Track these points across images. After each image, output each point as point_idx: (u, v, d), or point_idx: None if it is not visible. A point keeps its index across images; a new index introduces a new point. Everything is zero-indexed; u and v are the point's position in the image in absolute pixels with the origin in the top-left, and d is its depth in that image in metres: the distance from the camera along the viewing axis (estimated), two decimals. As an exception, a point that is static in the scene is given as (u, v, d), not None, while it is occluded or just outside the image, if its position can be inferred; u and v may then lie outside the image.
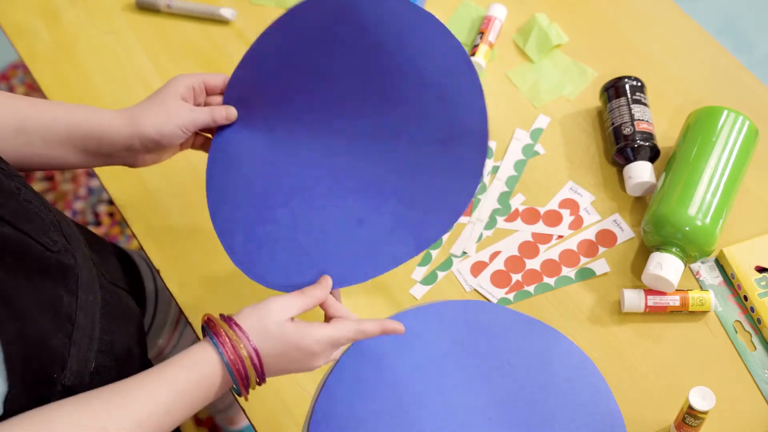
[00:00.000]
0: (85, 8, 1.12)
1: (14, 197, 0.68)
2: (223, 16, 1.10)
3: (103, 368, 0.75)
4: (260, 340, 0.71)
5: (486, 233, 0.95)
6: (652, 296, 0.88)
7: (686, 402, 0.78)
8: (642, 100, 0.98)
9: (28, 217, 0.68)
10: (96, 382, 0.72)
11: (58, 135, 0.79)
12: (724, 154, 0.91)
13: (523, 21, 1.09)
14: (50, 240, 0.70)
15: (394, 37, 0.78)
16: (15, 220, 0.66)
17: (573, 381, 0.85)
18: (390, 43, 0.78)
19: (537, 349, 0.87)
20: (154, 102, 0.80)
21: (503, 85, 1.05)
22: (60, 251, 0.71)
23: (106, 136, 0.79)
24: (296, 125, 0.83)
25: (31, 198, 0.71)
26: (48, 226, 0.71)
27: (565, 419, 0.83)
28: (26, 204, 0.69)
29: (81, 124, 0.79)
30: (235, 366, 0.69)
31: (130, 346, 0.83)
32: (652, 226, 0.89)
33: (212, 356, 0.69)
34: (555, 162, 0.99)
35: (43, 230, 0.70)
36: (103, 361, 0.75)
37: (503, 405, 0.84)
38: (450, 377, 0.86)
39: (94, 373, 0.73)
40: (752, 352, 0.87)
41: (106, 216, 1.83)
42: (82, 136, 0.80)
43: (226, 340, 0.70)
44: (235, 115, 0.82)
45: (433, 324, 0.89)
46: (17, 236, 0.65)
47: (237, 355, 0.69)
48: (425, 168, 0.78)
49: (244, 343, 0.70)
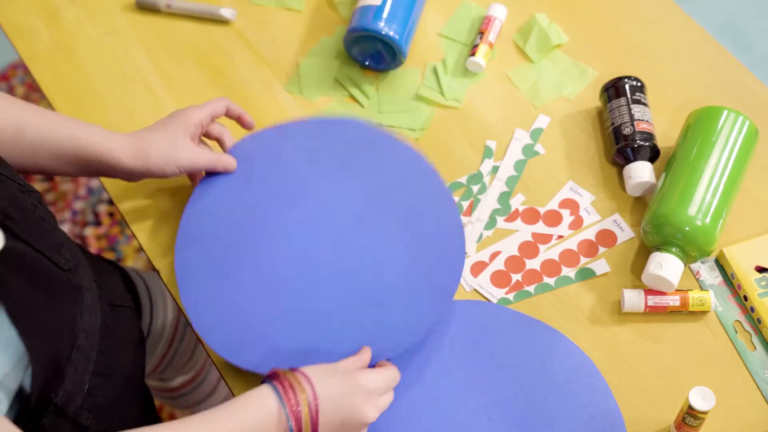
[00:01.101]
0: (85, 8, 1.12)
1: (30, 214, 0.68)
2: (223, 16, 1.10)
3: (97, 390, 0.75)
4: (319, 376, 0.72)
5: (486, 233, 0.95)
6: (652, 296, 0.88)
7: (686, 402, 0.78)
8: (642, 100, 0.98)
9: (41, 234, 0.68)
10: (88, 403, 0.72)
11: (62, 149, 0.81)
12: (724, 154, 0.91)
13: (523, 21, 1.09)
14: (63, 259, 0.70)
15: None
16: (30, 239, 0.65)
17: (573, 381, 0.85)
18: None
19: (537, 349, 0.87)
20: (163, 137, 0.83)
21: (503, 85, 1.05)
22: (71, 270, 0.71)
23: (109, 163, 0.83)
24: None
25: (45, 215, 0.71)
26: (60, 244, 0.71)
27: (565, 419, 0.83)
28: (40, 221, 0.69)
29: (85, 145, 0.82)
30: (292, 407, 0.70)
31: (127, 367, 0.83)
32: (652, 226, 0.89)
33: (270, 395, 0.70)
34: (555, 162, 0.99)
35: (56, 249, 0.70)
36: (97, 383, 0.75)
37: (503, 405, 0.84)
38: (450, 377, 0.86)
39: (87, 394, 0.73)
40: (752, 352, 0.87)
41: (106, 216, 1.83)
42: (84, 156, 0.82)
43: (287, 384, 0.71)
44: (233, 168, 0.90)
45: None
46: (34, 255, 0.65)
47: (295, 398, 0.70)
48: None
49: (304, 386, 0.71)
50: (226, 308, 0.85)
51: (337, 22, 1.10)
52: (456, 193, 0.97)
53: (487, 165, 0.99)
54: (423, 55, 1.07)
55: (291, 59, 1.08)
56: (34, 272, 0.64)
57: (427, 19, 1.10)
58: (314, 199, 0.91)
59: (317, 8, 1.12)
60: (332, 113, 1.02)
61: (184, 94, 1.05)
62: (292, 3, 1.12)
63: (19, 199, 0.67)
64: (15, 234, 0.63)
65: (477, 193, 0.97)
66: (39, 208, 0.70)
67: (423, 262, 0.87)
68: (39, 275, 0.65)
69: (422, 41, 1.08)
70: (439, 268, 0.87)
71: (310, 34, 1.10)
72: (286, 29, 1.10)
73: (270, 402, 0.70)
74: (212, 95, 1.05)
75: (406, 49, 1.03)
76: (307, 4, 1.12)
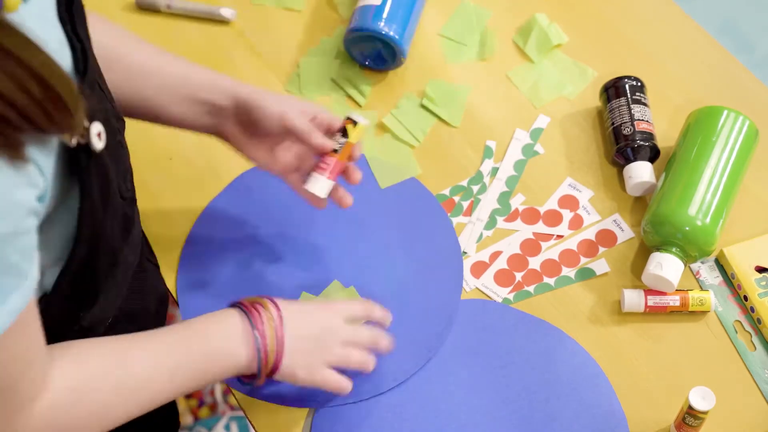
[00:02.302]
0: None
1: (115, 136, 0.69)
2: (223, 16, 1.10)
3: (117, 327, 0.76)
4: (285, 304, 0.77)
5: (486, 233, 0.95)
6: (652, 296, 0.88)
7: (686, 402, 0.78)
8: (642, 100, 0.98)
9: (120, 157, 0.70)
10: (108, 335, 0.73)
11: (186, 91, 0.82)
12: (724, 154, 0.91)
13: (523, 21, 1.09)
14: (126, 187, 0.72)
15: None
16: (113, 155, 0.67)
17: (577, 382, 0.85)
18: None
19: (541, 349, 0.87)
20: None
21: (503, 85, 1.05)
22: (128, 201, 0.73)
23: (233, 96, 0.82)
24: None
25: (124, 143, 0.73)
26: (127, 171, 0.74)
27: (568, 420, 0.83)
28: (119, 147, 0.71)
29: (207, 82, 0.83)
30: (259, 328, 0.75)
31: (148, 315, 0.85)
32: (652, 226, 0.89)
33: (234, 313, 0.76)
34: (555, 162, 0.99)
35: (123, 176, 0.72)
36: (119, 320, 0.76)
37: (507, 404, 0.84)
38: (454, 376, 0.86)
39: (109, 327, 0.74)
40: (752, 352, 0.87)
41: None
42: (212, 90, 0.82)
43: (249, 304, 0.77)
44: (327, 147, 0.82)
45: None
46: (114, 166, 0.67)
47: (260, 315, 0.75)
48: None
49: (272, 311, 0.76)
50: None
51: (337, 22, 1.10)
52: (456, 194, 0.97)
53: (487, 165, 0.99)
54: (423, 55, 1.07)
55: (291, 59, 1.08)
56: (108, 186, 0.66)
57: (427, 19, 1.10)
58: (319, 224, 0.94)
59: (317, 8, 1.12)
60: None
61: (184, 94, 1.05)
62: (292, 3, 1.12)
63: (111, 121, 0.68)
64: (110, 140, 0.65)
65: (477, 193, 0.97)
66: (120, 135, 0.72)
67: (422, 286, 0.90)
68: (110, 191, 0.67)
69: (422, 41, 1.08)
70: (437, 294, 0.90)
71: (310, 34, 1.09)
72: (286, 29, 1.10)
73: (234, 318, 0.75)
74: (212, 95, 1.05)
75: (406, 49, 1.03)
76: (307, 4, 1.12)
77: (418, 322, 0.88)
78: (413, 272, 0.91)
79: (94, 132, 0.61)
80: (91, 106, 0.59)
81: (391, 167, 0.98)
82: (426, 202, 0.96)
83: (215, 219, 0.95)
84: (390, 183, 0.97)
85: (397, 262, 0.92)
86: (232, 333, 0.74)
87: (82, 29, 0.64)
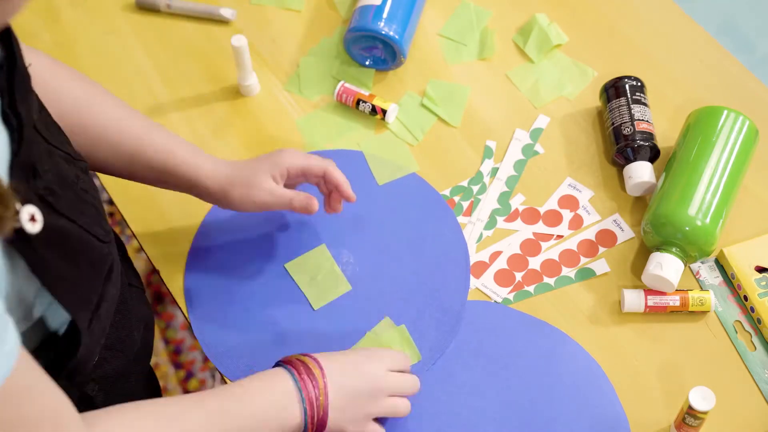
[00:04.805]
0: (85, 8, 1.12)
1: (72, 188, 0.68)
2: (223, 16, 1.10)
3: (105, 363, 0.75)
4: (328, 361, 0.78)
5: (486, 233, 0.95)
6: (652, 296, 0.88)
7: (686, 402, 0.78)
8: (642, 100, 0.98)
9: (83, 209, 0.69)
10: (96, 374, 0.73)
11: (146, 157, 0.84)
12: (724, 154, 0.91)
13: (523, 21, 1.09)
14: (102, 230, 0.71)
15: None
16: (72, 214, 0.66)
17: (579, 384, 0.85)
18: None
19: (543, 350, 0.87)
20: (249, 174, 0.86)
21: (503, 85, 1.05)
22: (108, 242, 0.72)
23: (194, 186, 0.86)
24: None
25: (87, 186, 0.72)
26: (100, 215, 0.73)
27: (569, 420, 0.83)
28: (83, 194, 0.69)
29: (177, 162, 0.85)
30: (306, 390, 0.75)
31: (135, 345, 0.84)
32: (652, 226, 0.89)
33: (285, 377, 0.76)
34: (555, 162, 0.99)
35: (97, 221, 0.71)
36: (106, 356, 0.76)
37: (508, 406, 0.84)
38: (455, 377, 0.86)
39: (96, 365, 0.74)
40: (752, 352, 0.87)
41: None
42: (170, 172, 0.85)
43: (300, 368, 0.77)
44: (312, 210, 0.86)
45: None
46: (74, 229, 0.66)
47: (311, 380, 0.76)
48: None
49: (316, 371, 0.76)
50: (237, 337, 0.89)
51: (337, 22, 1.10)
52: (456, 194, 0.97)
53: (487, 165, 0.99)
54: (423, 55, 1.07)
55: (291, 59, 1.08)
56: (72, 246, 0.65)
57: (427, 19, 1.10)
58: (324, 223, 0.94)
59: (317, 8, 1.12)
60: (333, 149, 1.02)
61: (184, 94, 1.05)
62: (292, 3, 1.12)
63: (64, 170, 0.67)
64: (57, 210, 0.63)
65: (477, 193, 0.97)
66: (82, 179, 0.71)
67: (429, 286, 0.91)
68: (76, 249, 0.66)
69: (422, 41, 1.08)
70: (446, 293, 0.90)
71: (310, 34, 1.09)
72: (286, 29, 1.10)
73: (283, 379, 0.75)
74: (212, 95, 1.05)
75: (406, 49, 1.03)
76: (307, 4, 1.12)
77: (426, 323, 0.88)
78: (420, 271, 0.91)
79: (25, 217, 0.57)
80: (22, 190, 0.56)
81: (388, 164, 0.98)
82: (432, 200, 0.96)
83: (219, 221, 0.95)
84: (387, 180, 0.97)
85: (403, 261, 0.92)
86: (279, 393, 0.75)
87: (22, 103, 0.61)
